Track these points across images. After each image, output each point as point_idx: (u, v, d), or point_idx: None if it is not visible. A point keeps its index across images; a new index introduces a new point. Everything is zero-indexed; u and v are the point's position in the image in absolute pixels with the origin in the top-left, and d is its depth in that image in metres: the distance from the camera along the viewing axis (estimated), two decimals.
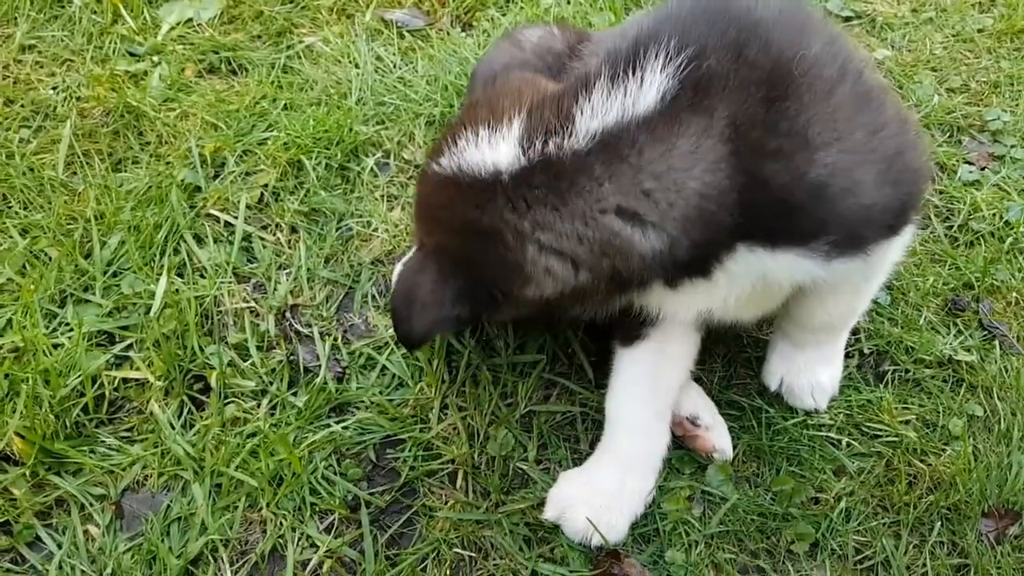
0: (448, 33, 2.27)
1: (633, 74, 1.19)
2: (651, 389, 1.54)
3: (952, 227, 1.93)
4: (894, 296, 1.80)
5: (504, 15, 2.32)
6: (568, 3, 2.30)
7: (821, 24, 1.38)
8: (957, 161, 2.05)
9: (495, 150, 1.24)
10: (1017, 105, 2.17)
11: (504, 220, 1.23)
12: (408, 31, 2.27)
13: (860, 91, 1.30)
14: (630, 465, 1.51)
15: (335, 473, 1.55)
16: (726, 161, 1.19)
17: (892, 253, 1.45)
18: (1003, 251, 1.87)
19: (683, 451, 1.58)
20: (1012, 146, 2.09)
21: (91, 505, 1.49)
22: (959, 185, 2.00)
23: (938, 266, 1.85)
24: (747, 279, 1.32)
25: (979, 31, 2.34)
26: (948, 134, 2.13)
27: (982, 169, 2.05)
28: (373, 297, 1.79)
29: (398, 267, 1.72)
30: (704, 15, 1.25)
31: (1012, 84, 2.22)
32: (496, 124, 1.26)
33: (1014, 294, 1.80)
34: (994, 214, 1.93)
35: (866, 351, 1.73)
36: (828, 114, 1.23)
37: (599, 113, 1.19)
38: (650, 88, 1.18)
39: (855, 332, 1.73)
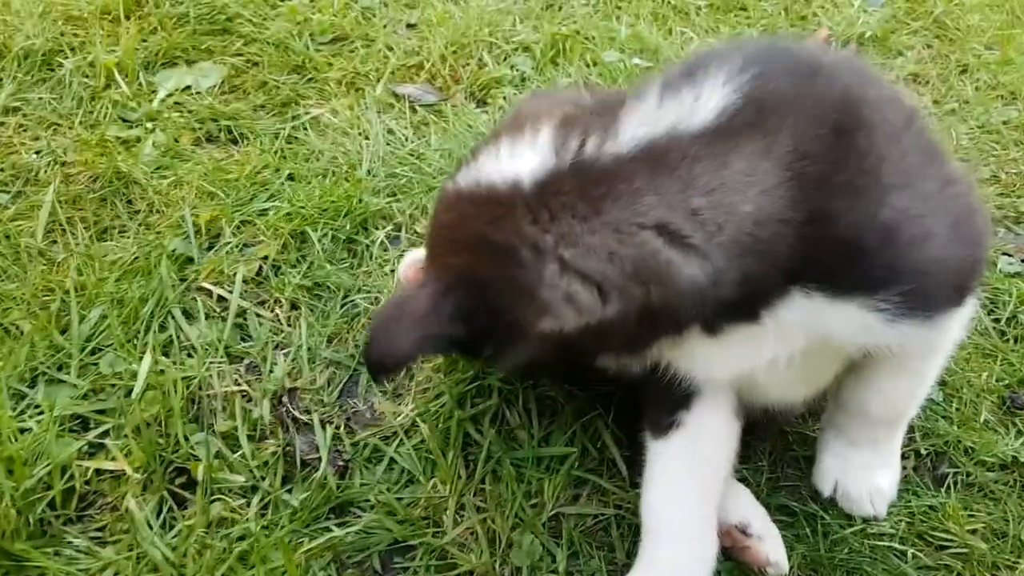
0: (463, 108, 2.17)
1: (691, 87, 1.09)
2: (691, 487, 1.35)
3: (1000, 320, 1.80)
4: (947, 393, 1.65)
5: (519, 93, 2.23)
6: (585, 86, 2.22)
7: (880, 76, 1.31)
8: (995, 253, 1.95)
9: (517, 159, 1.11)
10: None
11: (522, 233, 1.08)
12: (421, 106, 2.17)
13: (926, 142, 1.21)
14: None
15: None
16: (786, 189, 1.07)
17: (955, 329, 1.31)
18: None
19: (732, 563, 1.40)
20: None
21: None
22: (1001, 277, 1.89)
23: (990, 361, 1.72)
24: (800, 332, 1.17)
25: (1004, 123, 2.29)
26: None
27: (1022, 261, 1.95)
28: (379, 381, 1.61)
29: None
30: (767, 48, 1.18)
31: None
32: (521, 134, 1.13)
33: None
34: None
35: (923, 452, 1.57)
36: (899, 156, 1.13)
37: (649, 121, 1.08)
38: (709, 101, 1.07)
39: (910, 431, 1.58)
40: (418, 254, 1.62)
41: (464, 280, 1.13)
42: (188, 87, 2.10)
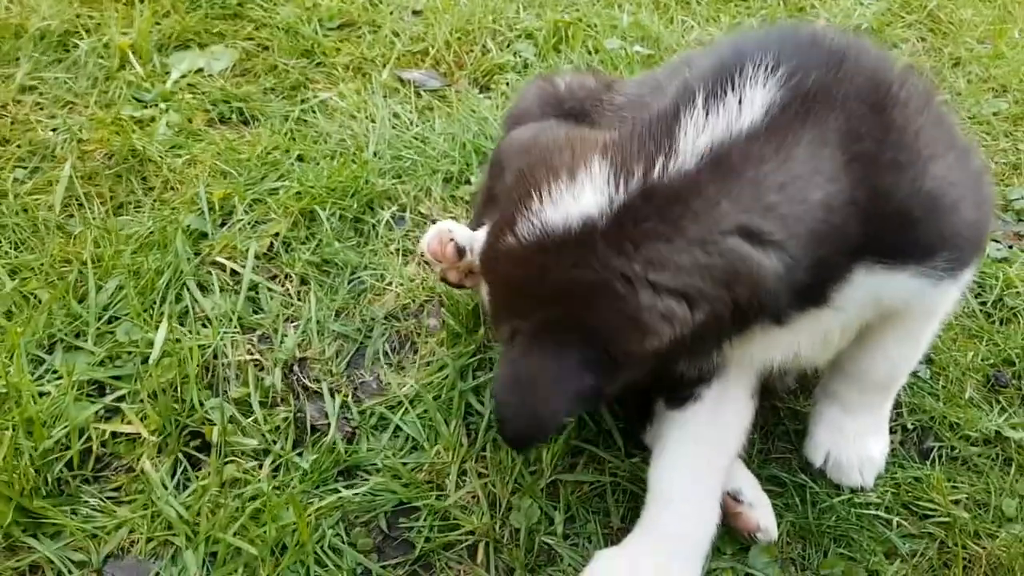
0: (467, 94, 2.22)
1: (732, 90, 1.12)
2: (704, 460, 1.40)
3: (987, 303, 1.86)
4: (934, 371, 1.71)
5: (522, 76, 2.28)
6: (588, 69, 2.27)
7: (892, 56, 1.38)
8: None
9: (579, 200, 1.11)
10: None
11: (610, 268, 1.09)
12: (425, 91, 2.23)
13: (943, 115, 1.29)
14: (677, 549, 1.35)
15: (343, 543, 1.40)
16: (844, 171, 1.12)
17: (954, 291, 1.36)
18: None
19: (724, 528, 1.45)
20: None
21: (69, 573, 1.32)
22: (989, 262, 1.95)
23: (976, 341, 1.78)
24: (861, 306, 1.23)
25: (995, 114, 2.35)
26: None
27: (1010, 247, 2.01)
28: (386, 354, 1.67)
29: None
30: (792, 38, 1.21)
31: None
32: (567, 175, 1.14)
33: None
34: None
35: (909, 427, 1.63)
36: (930, 129, 1.20)
37: (703, 130, 1.10)
38: (754, 101, 1.11)
39: (897, 406, 1.64)
40: (443, 226, 1.62)
41: (570, 327, 1.12)
42: (200, 69, 2.15)
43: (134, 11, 2.24)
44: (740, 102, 1.11)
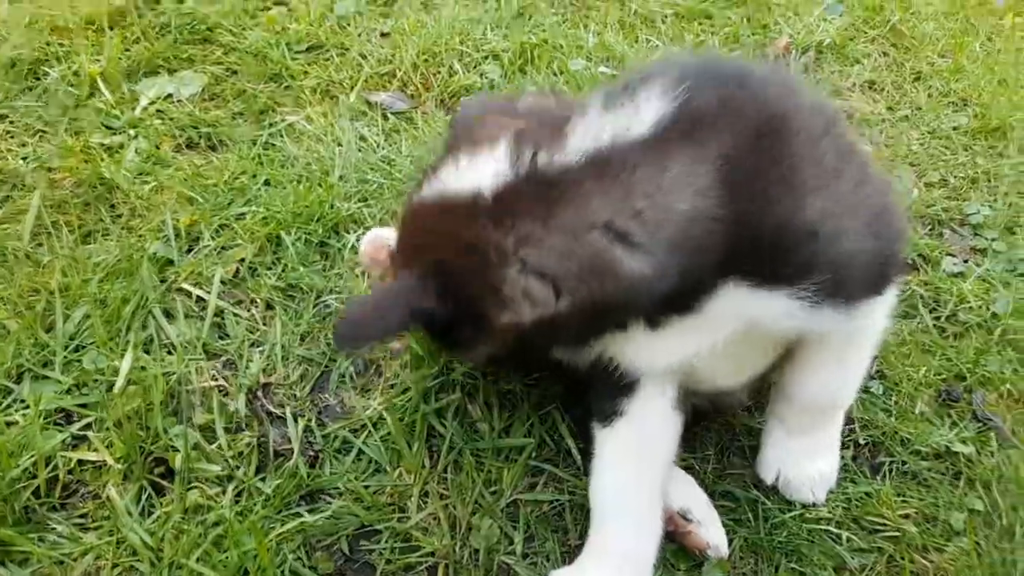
0: (433, 116, 2.26)
1: (630, 100, 1.20)
2: (634, 473, 1.45)
3: (940, 318, 1.90)
4: (886, 386, 1.75)
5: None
6: (550, 91, 2.31)
7: (805, 86, 1.46)
8: (940, 253, 2.05)
9: (477, 171, 1.22)
10: (995, 200, 2.19)
11: (487, 237, 1.20)
12: (392, 113, 2.26)
13: (844, 147, 1.32)
14: (622, 566, 1.40)
15: (304, 566, 1.43)
16: (716, 191, 1.18)
17: (877, 318, 1.42)
18: (992, 342, 1.85)
19: (676, 546, 1.49)
20: (993, 239, 2.10)
21: None
22: (944, 276, 1.99)
23: (928, 356, 1.81)
24: (731, 321, 1.28)
25: (954, 129, 2.39)
26: (930, 227, 2.13)
27: (965, 261, 2.05)
28: (351, 377, 1.71)
29: None
30: (700, 63, 1.29)
31: (989, 180, 2.25)
32: (478, 149, 1.25)
33: (1006, 386, 1.77)
34: (981, 305, 1.92)
35: (861, 442, 1.67)
36: (816, 161, 1.24)
37: (593, 133, 1.19)
38: (646, 113, 1.19)
39: (849, 422, 1.68)
40: (379, 232, 1.71)
41: (441, 268, 1.23)
42: (170, 95, 2.18)
43: (104, 38, 2.26)
44: (634, 113, 1.19)
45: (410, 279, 1.25)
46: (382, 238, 1.62)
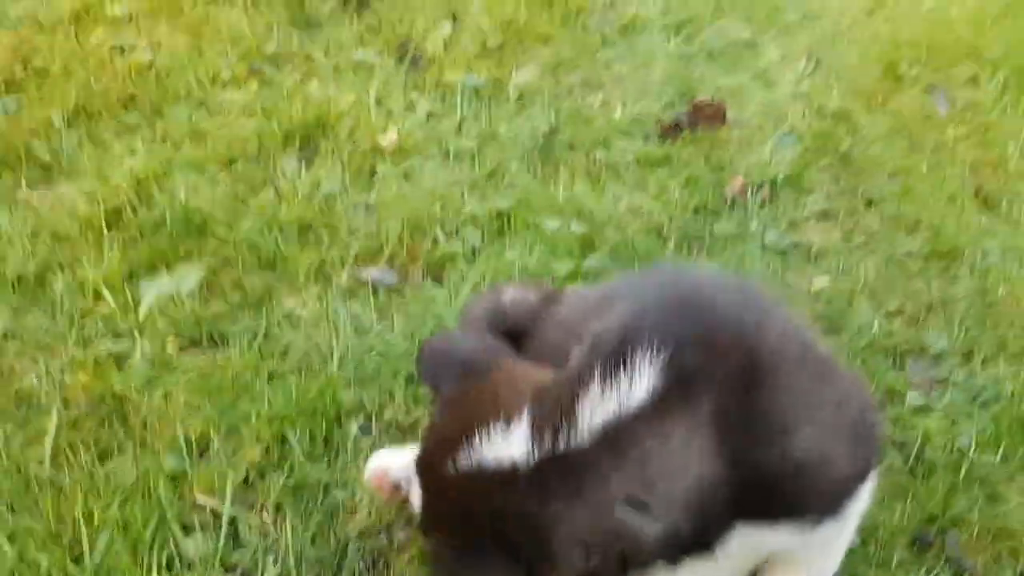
0: (421, 288, 2.40)
1: (625, 371, 1.30)
2: None
3: (909, 457, 2.03)
4: (864, 537, 1.87)
5: (471, 265, 2.46)
6: (530, 254, 2.46)
7: (775, 303, 1.57)
8: (905, 386, 2.19)
9: (508, 445, 1.32)
10: (951, 326, 2.34)
11: (527, 509, 1.30)
12: (382, 287, 2.40)
13: (819, 366, 1.46)
14: None
15: None
16: (718, 449, 1.29)
17: (860, 503, 1.53)
18: (960, 480, 1.97)
19: None
20: (953, 368, 2.24)
21: None
22: (910, 412, 2.12)
23: (901, 500, 1.93)
24: (743, 554, 1.40)
25: (908, 254, 2.54)
26: (892, 359, 2.27)
27: (928, 393, 2.19)
28: (361, 573, 1.81)
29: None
30: (676, 309, 1.39)
31: (944, 305, 2.40)
32: (502, 420, 1.35)
33: (976, 526, 1.89)
34: (945, 443, 2.05)
35: None
36: (799, 395, 1.36)
37: (598, 410, 1.29)
38: (640, 385, 1.29)
39: None
40: (383, 460, 1.84)
41: (496, 546, 1.32)
42: (170, 294, 2.31)
43: (103, 240, 2.40)
44: (629, 387, 1.30)
45: (472, 553, 1.35)
46: (386, 464, 1.73)
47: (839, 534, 1.56)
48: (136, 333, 2.22)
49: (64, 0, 3.13)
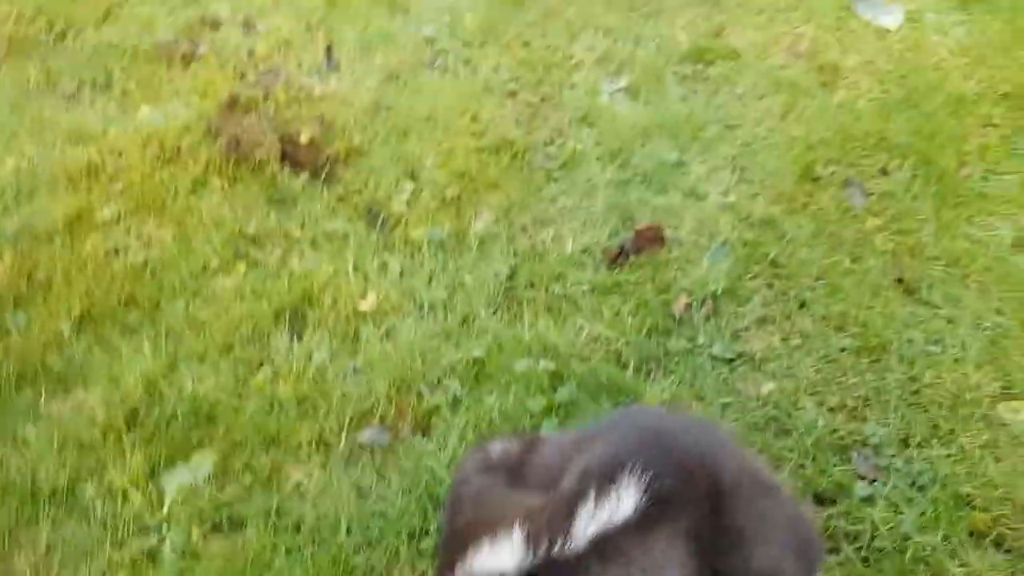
0: (411, 443, 2.66)
1: (614, 491, 1.61)
2: None
3: (860, 548, 2.30)
4: None
5: (455, 415, 2.73)
6: (507, 396, 2.73)
7: (730, 437, 1.97)
8: (851, 479, 2.46)
9: (501, 557, 1.59)
10: (887, 416, 2.63)
11: None
12: (377, 448, 2.66)
13: (769, 490, 1.80)
14: None
15: None
16: (691, 561, 1.60)
17: None
18: (906, 564, 2.24)
19: None
20: (892, 456, 2.52)
21: None
22: (857, 503, 2.40)
23: None
24: None
25: (842, 350, 2.84)
26: (838, 454, 2.55)
27: (872, 483, 2.46)
28: None
29: None
30: (652, 445, 1.73)
31: (879, 396, 2.69)
32: (497, 535, 1.62)
33: None
34: (891, 529, 2.32)
35: None
36: (756, 517, 1.69)
37: (593, 520, 1.58)
38: (627, 502, 1.60)
39: None
40: None
41: None
42: (189, 484, 2.57)
43: (124, 443, 2.66)
44: (617, 504, 1.60)
45: None
46: None
47: None
48: (164, 527, 2.47)
49: (56, 209, 3.41)
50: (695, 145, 3.68)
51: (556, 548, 1.57)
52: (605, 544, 1.56)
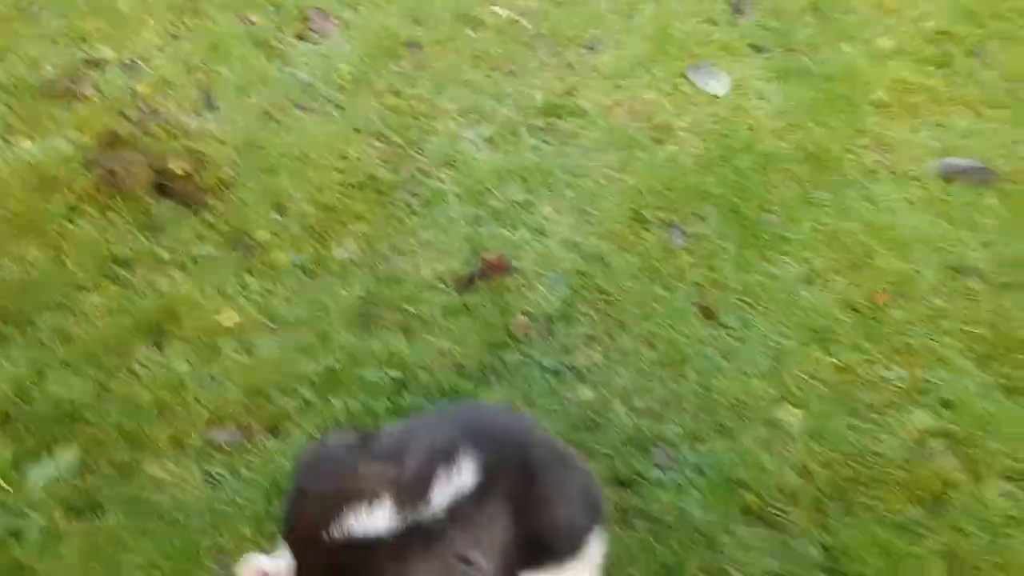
0: (262, 442, 2.93)
1: (457, 468, 1.99)
2: None
3: (651, 524, 2.70)
4: None
5: (304, 417, 3.02)
6: (356, 402, 3.04)
7: (533, 424, 2.46)
8: (649, 467, 2.88)
9: (375, 520, 1.90)
10: (683, 417, 3.07)
11: (390, 568, 1.90)
12: (232, 449, 2.92)
13: (569, 463, 2.25)
14: None
15: None
16: (512, 518, 2.00)
17: (593, 550, 2.21)
18: (687, 537, 2.65)
19: None
20: (684, 450, 2.95)
21: None
22: (651, 487, 2.81)
23: (644, 554, 2.59)
24: None
25: (650, 363, 3.29)
26: (641, 448, 2.97)
27: (665, 471, 2.88)
28: None
29: None
30: (478, 428, 2.17)
31: (678, 401, 3.13)
32: (368, 500, 1.92)
33: (697, 571, 2.56)
34: (678, 508, 2.74)
35: None
36: (557, 484, 2.13)
37: (444, 490, 1.95)
38: (467, 475, 1.98)
39: None
40: (252, 559, 2.29)
41: None
42: (53, 474, 2.77)
43: None
44: (459, 476, 1.98)
45: None
46: (258, 561, 2.22)
47: (583, 571, 2.22)
48: (27, 510, 2.66)
49: None
50: (543, 189, 4.10)
51: (420, 512, 1.91)
52: (457, 510, 1.94)
